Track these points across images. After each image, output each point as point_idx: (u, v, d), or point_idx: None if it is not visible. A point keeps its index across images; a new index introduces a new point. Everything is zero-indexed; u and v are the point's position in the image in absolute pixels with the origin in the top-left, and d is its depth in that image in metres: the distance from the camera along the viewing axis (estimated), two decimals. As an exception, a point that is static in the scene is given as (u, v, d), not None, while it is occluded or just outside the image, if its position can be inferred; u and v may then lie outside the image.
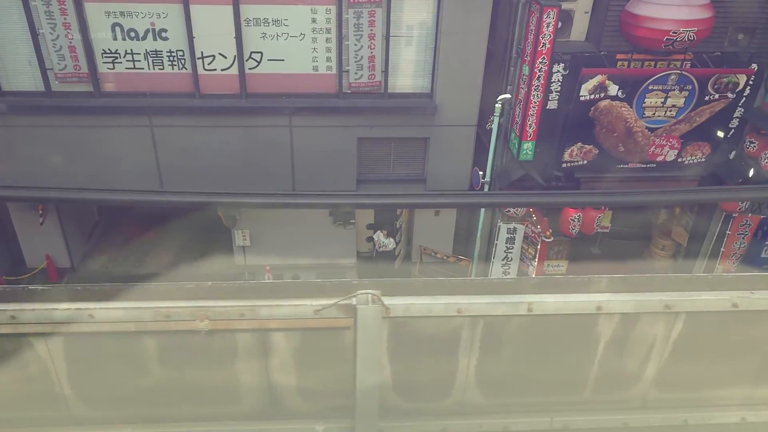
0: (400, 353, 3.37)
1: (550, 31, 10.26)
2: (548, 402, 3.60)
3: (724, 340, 3.43)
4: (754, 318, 3.34)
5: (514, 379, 3.51)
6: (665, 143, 11.88)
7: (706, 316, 3.31)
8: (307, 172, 12.11)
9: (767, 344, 3.52)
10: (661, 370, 3.44)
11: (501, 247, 12.72)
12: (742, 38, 11.41)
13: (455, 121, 11.76)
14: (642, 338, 3.37)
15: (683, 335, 3.32)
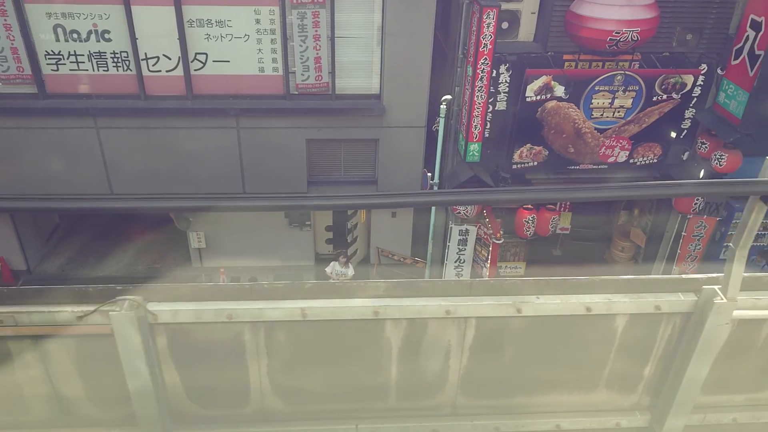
0: (183, 360, 3.30)
1: (491, 32, 10.20)
2: (352, 409, 3.53)
3: (516, 344, 3.37)
4: (539, 323, 3.29)
5: (315, 386, 3.44)
6: (616, 144, 11.80)
7: (491, 321, 3.26)
8: (256, 173, 12.05)
9: (562, 347, 3.46)
10: (463, 377, 3.37)
11: (453, 249, 12.66)
12: (691, 38, 11.34)
13: (404, 123, 11.70)
14: (437, 344, 3.30)
15: (476, 341, 3.27)
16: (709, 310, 3.24)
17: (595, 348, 3.40)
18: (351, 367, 3.37)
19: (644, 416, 3.61)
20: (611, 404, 3.58)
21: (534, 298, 3.24)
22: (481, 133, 11.22)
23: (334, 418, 3.48)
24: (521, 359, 3.45)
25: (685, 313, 3.36)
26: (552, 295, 3.27)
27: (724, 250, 13.71)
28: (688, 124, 12.01)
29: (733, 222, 13.31)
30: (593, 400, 3.56)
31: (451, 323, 3.22)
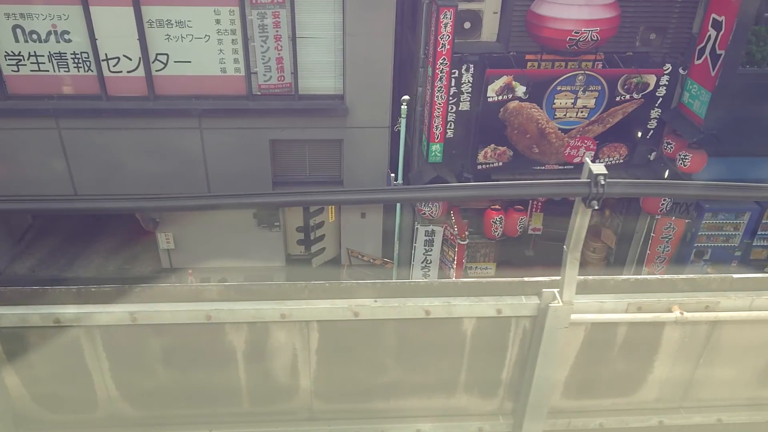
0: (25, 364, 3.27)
1: (449, 32, 10.16)
2: (206, 414, 3.49)
3: (365, 348, 3.33)
4: (383, 326, 3.25)
5: (166, 390, 3.39)
6: (580, 144, 11.76)
7: (333, 325, 3.22)
8: (221, 174, 12.01)
9: (415, 351, 3.41)
10: (316, 381, 3.33)
11: (420, 250, 12.61)
12: (655, 38, 11.29)
13: (368, 123, 11.66)
14: (282, 348, 3.26)
15: (323, 345, 3.22)
16: (548, 314, 3.20)
17: (448, 352, 3.36)
18: (198, 372, 3.33)
19: (507, 421, 3.57)
20: (473, 409, 3.54)
21: (371, 301, 3.20)
22: (443, 134, 11.18)
23: (186, 423, 3.45)
24: (375, 363, 3.41)
25: (531, 317, 3.32)
26: (390, 298, 3.22)
27: (694, 251, 13.68)
28: (655, 124, 11.97)
29: (704, 222, 13.27)
30: (454, 404, 3.52)
31: (293, 327, 3.18)
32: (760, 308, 3.12)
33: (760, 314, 3.10)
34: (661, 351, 3.34)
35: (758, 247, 13.68)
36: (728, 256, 13.74)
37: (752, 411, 3.55)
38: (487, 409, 3.53)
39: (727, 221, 13.25)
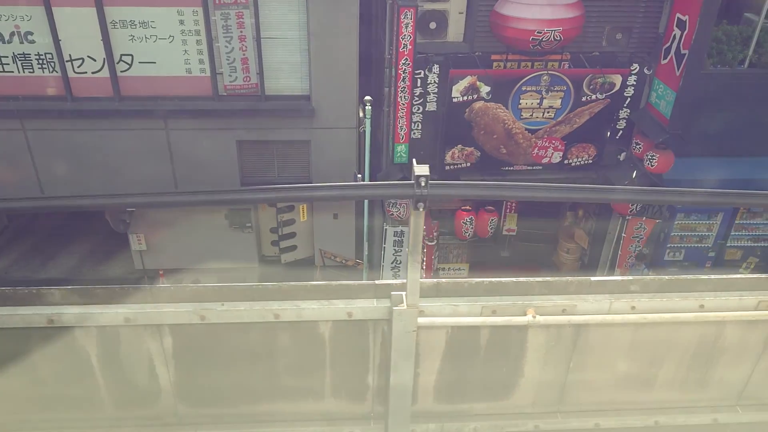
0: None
1: (410, 32, 10.13)
2: (64, 419, 3.45)
3: (223, 352, 3.29)
4: (223, 330, 3.20)
5: (21, 395, 3.35)
6: (548, 145, 11.71)
7: (185, 329, 3.18)
8: (188, 175, 11.98)
9: (275, 355, 3.37)
10: (178, 386, 3.28)
11: (390, 251, 12.58)
12: (621, 38, 11.24)
13: (335, 124, 11.62)
14: (137, 352, 3.22)
15: (178, 349, 3.18)
16: (394, 317, 3.15)
17: (310, 356, 3.31)
18: (52, 376, 3.29)
19: (378, 425, 3.52)
20: (344, 413, 3.49)
21: (218, 305, 3.16)
22: (407, 134, 11.15)
23: (45, 429, 3.40)
24: (237, 367, 3.36)
25: (385, 320, 3.27)
26: (237, 302, 3.18)
27: (668, 251, 13.64)
28: (624, 124, 11.93)
29: (676, 223, 13.23)
30: (324, 408, 3.47)
31: (143, 331, 3.14)
32: (618, 311, 3.08)
33: (616, 317, 3.06)
34: (529, 355, 3.29)
35: (732, 248, 13.64)
36: (702, 256, 13.71)
37: (628, 415, 3.50)
38: (358, 413, 3.49)
39: (700, 222, 13.22)
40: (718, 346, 3.29)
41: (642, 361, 3.36)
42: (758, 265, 13.85)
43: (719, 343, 3.28)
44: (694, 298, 3.13)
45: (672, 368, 3.35)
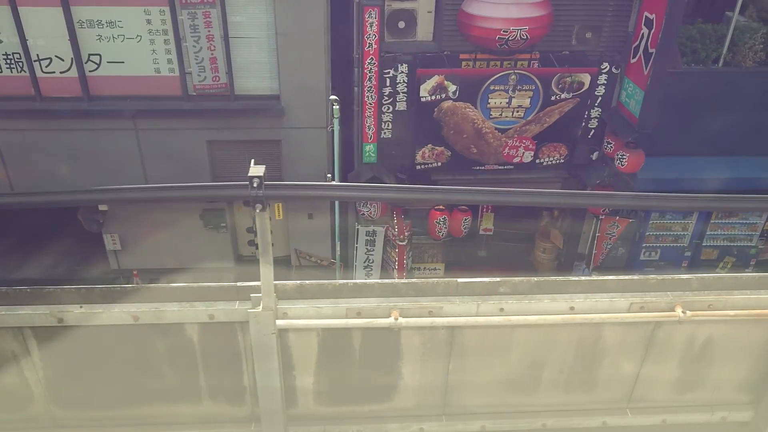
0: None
1: (375, 31, 10.11)
2: None
3: (90, 354, 3.26)
4: (84, 333, 3.17)
5: None
6: (519, 144, 11.68)
7: (44, 331, 3.14)
8: (159, 175, 11.95)
9: (141, 357, 3.34)
10: (50, 389, 3.25)
11: (362, 250, 12.55)
12: (591, 37, 11.19)
13: (305, 123, 11.59)
14: (2, 355, 3.19)
15: (45, 352, 3.16)
16: (253, 319, 3.11)
17: (182, 357, 3.28)
18: None
19: (259, 427, 3.49)
20: (224, 415, 3.45)
21: (76, 307, 3.13)
22: (376, 134, 11.12)
23: None
24: (108, 370, 3.33)
25: (246, 322, 3.24)
26: (96, 304, 3.15)
27: (644, 250, 13.60)
28: (596, 123, 11.89)
29: (651, 223, 13.20)
30: (202, 411, 3.43)
31: (5, 333, 3.11)
32: (486, 313, 3.03)
33: (481, 320, 3.02)
34: (406, 357, 3.24)
35: (708, 247, 13.60)
36: (678, 256, 13.68)
37: (515, 418, 3.46)
38: (238, 416, 3.45)
39: (675, 221, 13.19)
40: (599, 349, 3.25)
41: (523, 363, 3.32)
42: (735, 265, 13.81)
43: (599, 346, 3.24)
44: (564, 300, 3.09)
45: (555, 370, 3.31)
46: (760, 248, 13.63)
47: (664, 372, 3.35)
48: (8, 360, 3.16)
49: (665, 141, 12.16)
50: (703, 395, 3.46)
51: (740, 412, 3.52)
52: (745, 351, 3.36)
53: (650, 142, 11.39)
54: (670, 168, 12.52)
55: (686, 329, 3.22)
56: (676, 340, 3.27)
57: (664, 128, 12.12)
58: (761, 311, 3.07)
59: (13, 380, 3.23)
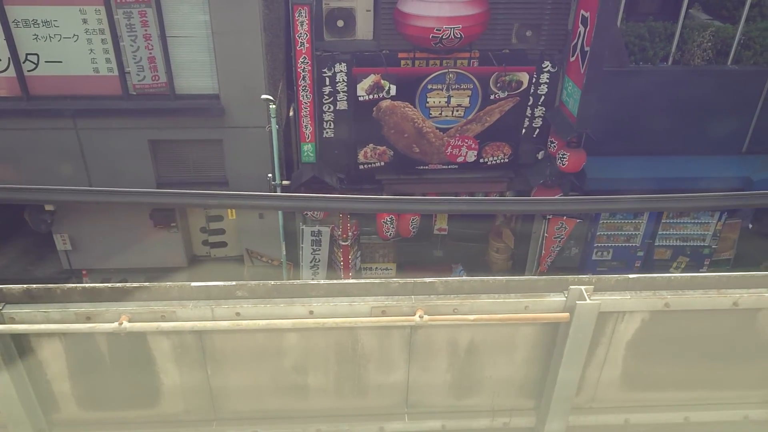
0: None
1: (306, 30, 10.05)
2: None
3: None
4: None
5: None
6: (461, 144, 11.60)
7: None
8: (102, 175, 11.93)
9: None
10: None
11: (308, 250, 12.50)
12: (531, 35, 11.11)
13: (246, 123, 11.54)
14: None
15: None
16: None
17: None
18: None
19: None
20: None
21: None
22: (313, 134, 11.06)
23: None
24: None
25: None
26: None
27: (596, 250, 13.52)
28: (540, 122, 11.81)
29: (601, 222, 13.11)
30: None
31: None
32: (222, 317, 2.97)
33: (220, 324, 2.95)
34: (160, 363, 3.17)
35: (661, 247, 13.50)
36: (630, 256, 13.59)
37: (287, 423, 3.41)
38: None
39: (625, 221, 13.10)
40: (360, 354, 3.19)
41: (287, 368, 3.26)
42: (689, 265, 13.72)
43: (359, 351, 3.18)
44: (302, 304, 3.03)
45: (322, 376, 3.25)
46: (714, 248, 13.52)
47: (435, 377, 3.30)
48: None
49: (615, 140, 12.12)
50: (483, 400, 3.41)
51: (523, 418, 3.47)
52: (519, 354, 3.30)
53: (592, 142, 11.32)
54: (620, 168, 12.46)
55: (446, 333, 3.17)
56: (438, 344, 3.22)
57: (614, 128, 12.09)
58: (506, 316, 3.02)
59: None
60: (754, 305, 3.33)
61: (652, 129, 12.46)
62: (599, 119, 11.91)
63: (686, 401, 3.66)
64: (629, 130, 12.47)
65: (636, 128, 12.42)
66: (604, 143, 12.39)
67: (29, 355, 3.08)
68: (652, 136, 12.58)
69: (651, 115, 12.32)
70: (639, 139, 12.54)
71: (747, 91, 12.54)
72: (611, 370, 3.41)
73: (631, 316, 3.23)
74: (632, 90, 12.21)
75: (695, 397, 3.68)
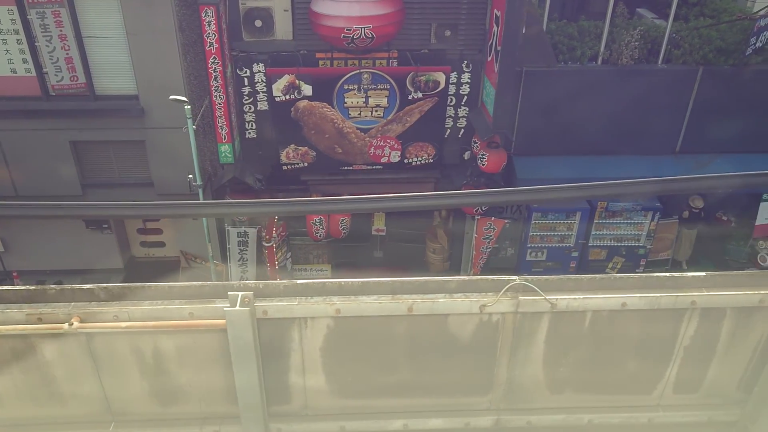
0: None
1: (213, 30, 9.97)
2: None
3: None
4: None
5: None
6: (384, 144, 11.54)
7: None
8: (26, 176, 11.85)
9: None
10: None
11: (235, 251, 12.43)
12: (450, 35, 11.04)
13: (166, 124, 11.45)
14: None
15: None
16: None
17: None
18: None
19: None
20: None
21: None
22: (229, 134, 10.98)
23: None
24: None
25: None
26: None
27: (529, 251, 13.44)
28: (464, 123, 11.75)
29: (533, 223, 13.03)
30: None
31: None
32: None
33: None
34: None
35: (596, 248, 13.42)
36: (565, 257, 13.50)
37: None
38: None
39: (558, 221, 13.02)
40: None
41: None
42: (625, 265, 13.64)
43: (37, 358, 3.15)
44: None
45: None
46: (649, 248, 13.44)
47: (133, 386, 3.28)
48: None
49: (546, 141, 12.09)
50: (192, 408, 3.39)
51: (231, 426, 3.46)
52: (206, 360, 3.31)
53: (524, 142, 11.28)
54: (552, 168, 12.37)
55: (129, 340, 3.13)
56: (122, 351, 3.19)
57: (545, 128, 12.06)
58: (162, 323, 2.97)
59: None
60: (428, 311, 3.30)
61: (584, 129, 12.39)
62: (530, 120, 11.93)
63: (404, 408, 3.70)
64: (560, 130, 12.40)
65: (568, 128, 12.35)
66: (535, 143, 12.35)
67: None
68: (584, 136, 12.50)
69: (583, 115, 12.25)
70: (571, 139, 12.47)
71: (678, 90, 12.47)
72: (315, 377, 3.39)
73: (313, 321, 3.22)
74: (562, 90, 12.14)
75: None
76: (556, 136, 12.51)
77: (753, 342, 3.80)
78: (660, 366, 3.70)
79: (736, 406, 3.99)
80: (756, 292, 3.58)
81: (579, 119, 12.41)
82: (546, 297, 3.26)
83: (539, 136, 12.47)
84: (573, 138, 12.52)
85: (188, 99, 11.31)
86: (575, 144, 12.54)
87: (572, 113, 12.23)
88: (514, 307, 3.41)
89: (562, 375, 3.62)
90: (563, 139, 12.54)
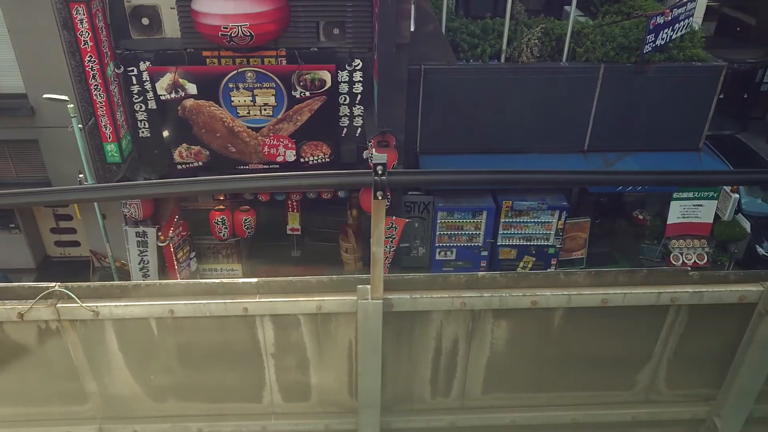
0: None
1: (86, 28, 9.87)
2: None
3: None
4: None
5: None
6: (278, 143, 11.45)
7: None
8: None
9: None
10: None
11: (134, 252, 12.33)
12: (338, 33, 10.95)
13: (58, 122, 11.36)
14: None
15: None
16: None
17: None
18: None
19: None
20: None
21: None
22: (114, 133, 10.89)
23: None
24: None
25: None
26: None
27: (438, 250, 13.37)
28: (360, 121, 11.66)
29: (440, 221, 12.96)
30: None
31: None
32: None
33: None
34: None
35: (505, 247, 13.35)
36: (475, 256, 13.43)
37: None
38: None
39: (464, 220, 12.94)
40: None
41: None
42: (536, 264, 13.56)
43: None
44: None
45: None
46: (559, 247, 13.37)
47: None
48: None
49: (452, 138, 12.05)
50: None
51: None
52: None
53: (429, 139, 11.23)
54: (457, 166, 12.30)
55: None
56: None
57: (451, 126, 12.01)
58: None
59: None
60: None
61: (491, 127, 12.34)
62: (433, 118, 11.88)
63: None
64: (467, 128, 12.33)
65: (474, 126, 12.28)
66: (441, 141, 12.30)
67: None
68: (492, 134, 12.44)
69: (489, 112, 12.20)
70: (479, 137, 12.41)
71: (582, 87, 12.39)
72: None
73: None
74: (465, 88, 12.07)
75: None
76: (463, 134, 12.44)
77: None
78: None
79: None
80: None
81: (485, 117, 12.33)
82: (83, 305, 3.31)
83: (445, 134, 12.41)
84: (481, 136, 12.45)
85: (79, 98, 11.24)
86: (483, 142, 12.48)
87: (477, 111, 12.16)
88: (55, 314, 3.47)
89: (160, 383, 3.86)
90: (470, 136, 12.47)
